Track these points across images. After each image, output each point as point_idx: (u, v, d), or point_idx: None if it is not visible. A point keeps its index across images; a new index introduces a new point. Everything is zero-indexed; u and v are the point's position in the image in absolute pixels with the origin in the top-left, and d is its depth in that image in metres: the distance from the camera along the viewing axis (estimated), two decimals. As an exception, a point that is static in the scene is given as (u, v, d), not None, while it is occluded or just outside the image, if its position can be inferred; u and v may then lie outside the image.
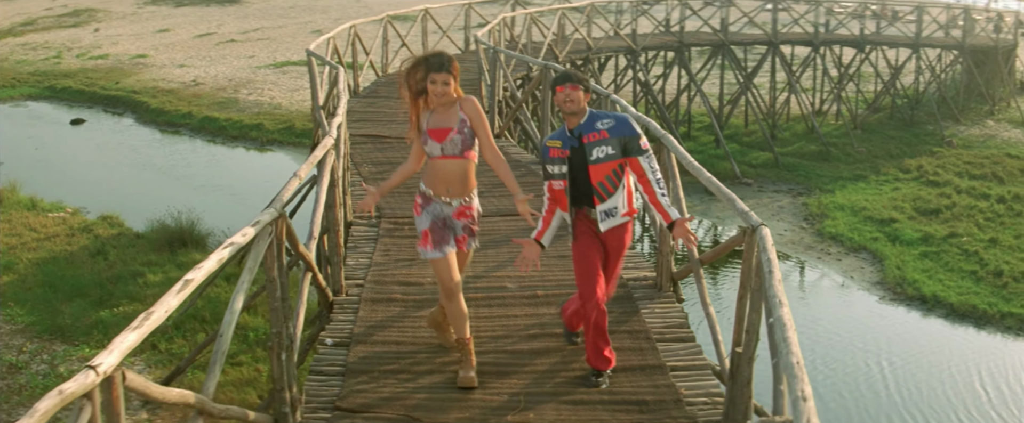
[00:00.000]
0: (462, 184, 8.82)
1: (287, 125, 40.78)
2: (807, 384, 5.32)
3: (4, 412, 15.63)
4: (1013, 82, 49.17)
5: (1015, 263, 26.87)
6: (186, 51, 56.55)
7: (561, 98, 8.59)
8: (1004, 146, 39.53)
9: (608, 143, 8.56)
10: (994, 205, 32.02)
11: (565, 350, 9.56)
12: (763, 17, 45.08)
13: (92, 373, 5.21)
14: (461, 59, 32.82)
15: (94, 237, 24.72)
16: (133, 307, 19.77)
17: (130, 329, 5.86)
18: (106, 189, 31.22)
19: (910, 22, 45.58)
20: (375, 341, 9.69)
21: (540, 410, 8.33)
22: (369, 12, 68.79)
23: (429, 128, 8.69)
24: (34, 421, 4.88)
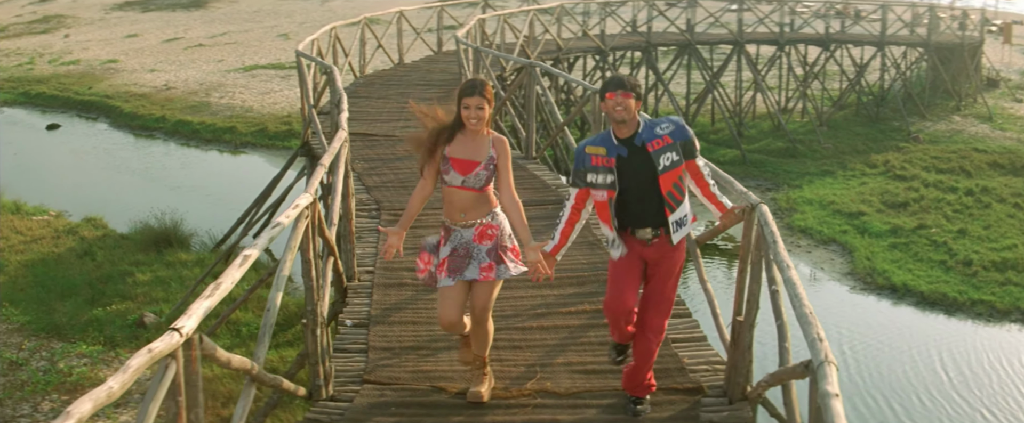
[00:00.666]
0: (477, 209, 8.26)
1: (260, 128, 41.15)
2: (821, 328, 5.97)
3: (8, 407, 16.05)
4: (979, 78, 49.99)
5: (985, 252, 27.55)
6: (156, 56, 56.83)
7: (611, 105, 7.88)
8: (971, 141, 40.26)
9: (673, 149, 7.93)
10: (962, 198, 32.67)
11: (572, 326, 10.17)
12: (729, 17, 45.80)
13: (177, 334, 5.72)
14: (433, 60, 33.39)
15: (80, 239, 25.08)
16: (125, 305, 20.24)
17: (203, 297, 6.32)
18: (86, 192, 31.51)
19: (875, 21, 46.37)
20: (392, 322, 10.26)
21: (556, 379, 8.95)
22: (334, 16, 69.17)
23: (453, 156, 8.15)
24: (128, 376, 5.37)
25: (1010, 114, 45.60)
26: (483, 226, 8.24)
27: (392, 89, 26.24)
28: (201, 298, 6.28)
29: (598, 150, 8.00)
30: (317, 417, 8.23)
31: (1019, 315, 24.37)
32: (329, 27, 27.37)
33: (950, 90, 47.72)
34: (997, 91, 49.95)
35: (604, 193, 7.98)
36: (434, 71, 30.39)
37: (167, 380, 5.69)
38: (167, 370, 5.72)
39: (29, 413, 15.92)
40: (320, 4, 78.15)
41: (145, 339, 18.47)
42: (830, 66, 47.54)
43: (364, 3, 76.15)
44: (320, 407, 8.42)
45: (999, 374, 21.36)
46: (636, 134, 7.96)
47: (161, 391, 5.65)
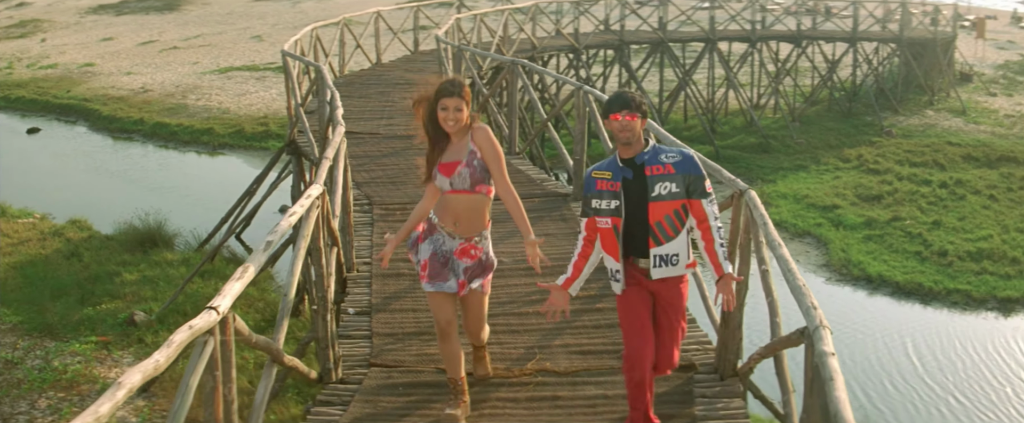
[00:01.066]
0: (470, 221, 8.07)
1: (237, 129, 41.50)
2: (813, 297, 6.44)
3: (6, 405, 16.33)
4: (952, 73, 50.57)
5: (960, 243, 28.07)
6: (131, 59, 57.08)
7: (617, 127, 7.50)
8: (945, 134, 40.79)
9: (672, 179, 7.48)
10: (936, 190, 33.22)
11: (560, 339, 10.56)
12: (700, 15, 46.32)
13: (214, 313, 6.09)
14: (410, 60, 33.74)
15: (66, 240, 25.38)
16: (115, 304, 20.57)
17: (233, 280, 6.75)
18: (68, 195, 31.81)
19: (846, 17, 46.92)
20: (393, 309, 10.63)
21: (554, 360, 9.37)
22: (306, 18, 69.52)
23: (441, 162, 8.03)
24: (172, 350, 5.71)
25: (984, 108, 46.17)
26: (468, 245, 8.11)
27: (372, 88, 26.58)
28: (231, 280, 6.65)
29: (604, 174, 7.65)
30: (329, 398, 8.59)
31: (995, 303, 24.94)
32: (310, 28, 27.68)
33: (923, 85, 48.31)
34: (970, 85, 50.48)
35: (608, 220, 7.61)
36: (412, 70, 30.72)
37: (206, 355, 6.04)
38: (206, 346, 6.06)
39: (27, 410, 16.20)
40: (292, 6, 78.40)
41: (136, 337, 18.85)
42: (802, 62, 48.02)
43: (335, 5, 76.50)
44: (331, 389, 8.77)
45: (970, 359, 21.90)
46: (639, 155, 7.58)
47: (200, 366, 6.00)
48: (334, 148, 10.31)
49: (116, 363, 17.98)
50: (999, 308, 24.75)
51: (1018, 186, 34.04)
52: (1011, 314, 24.63)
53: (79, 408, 16.13)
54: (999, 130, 42.10)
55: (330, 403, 8.49)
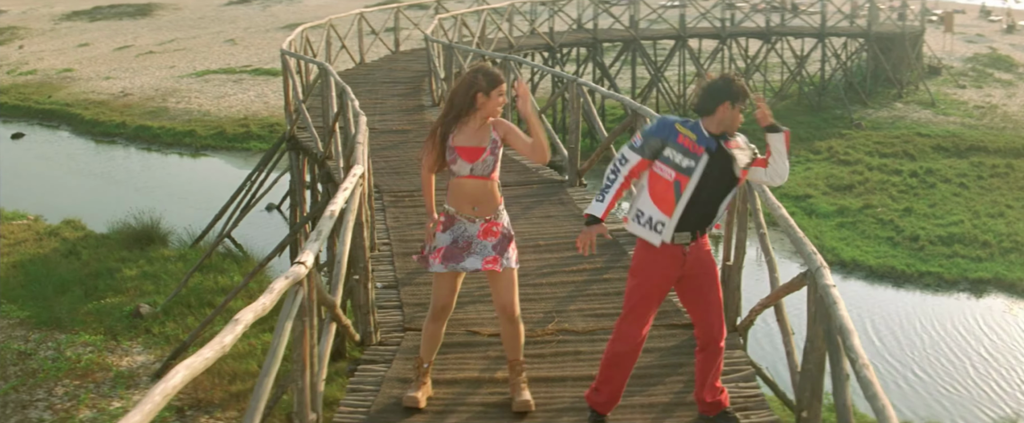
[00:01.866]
0: (487, 202, 8.32)
1: (218, 131, 42.21)
2: (811, 244, 7.37)
3: (24, 393, 16.98)
4: (921, 67, 51.59)
5: (931, 228, 29.01)
6: (109, 64, 57.59)
7: (733, 117, 7.52)
8: (914, 126, 41.76)
9: (743, 156, 7.66)
10: (907, 179, 34.19)
11: (577, 282, 11.46)
12: (671, 13, 47.25)
13: (302, 267, 6.88)
14: (393, 60, 34.50)
15: (62, 240, 25.97)
16: (118, 298, 21.19)
17: (312, 240, 7.50)
18: (57, 198, 32.38)
19: (814, 13, 47.90)
20: (418, 283, 11.43)
21: (572, 321, 10.23)
22: (276, 21, 70.38)
23: (458, 145, 8.21)
24: (274, 295, 6.51)
25: (953, 99, 47.18)
26: (489, 223, 8.32)
27: (360, 87, 27.24)
28: (310, 241, 7.41)
29: (689, 133, 7.49)
30: (372, 357, 9.37)
31: (967, 285, 25.90)
32: (300, 29, 28.38)
33: (892, 78, 49.28)
34: (939, 78, 51.53)
35: (673, 174, 7.45)
36: (396, 69, 31.49)
37: (297, 303, 6.80)
38: (297, 295, 6.82)
39: (45, 397, 16.82)
40: (262, 9, 79.04)
41: (143, 328, 19.53)
42: (771, 58, 48.99)
43: (305, 8, 77.29)
44: (372, 350, 9.56)
45: (931, 337, 22.84)
46: (723, 135, 7.53)
47: (293, 310, 6.76)
48: (364, 134, 10.99)
49: (126, 352, 18.61)
50: (971, 289, 25.69)
51: (988, 174, 35.00)
52: (983, 295, 25.61)
53: (96, 394, 16.85)
54: (969, 121, 43.05)
55: (374, 361, 9.25)
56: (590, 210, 7.72)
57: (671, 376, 8.95)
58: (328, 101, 18.76)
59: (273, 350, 6.66)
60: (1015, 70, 54.76)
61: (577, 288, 11.20)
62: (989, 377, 21.32)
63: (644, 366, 8.80)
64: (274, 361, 6.42)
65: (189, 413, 16.33)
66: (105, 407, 16.47)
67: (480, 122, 8.19)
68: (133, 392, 17.01)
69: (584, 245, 7.73)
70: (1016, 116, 44.42)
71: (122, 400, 16.67)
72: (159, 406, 4.54)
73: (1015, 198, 32.72)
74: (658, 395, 8.55)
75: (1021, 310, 24.94)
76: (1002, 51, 59.38)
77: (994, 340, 23.04)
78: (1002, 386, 20.92)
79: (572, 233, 13.26)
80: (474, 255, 8.28)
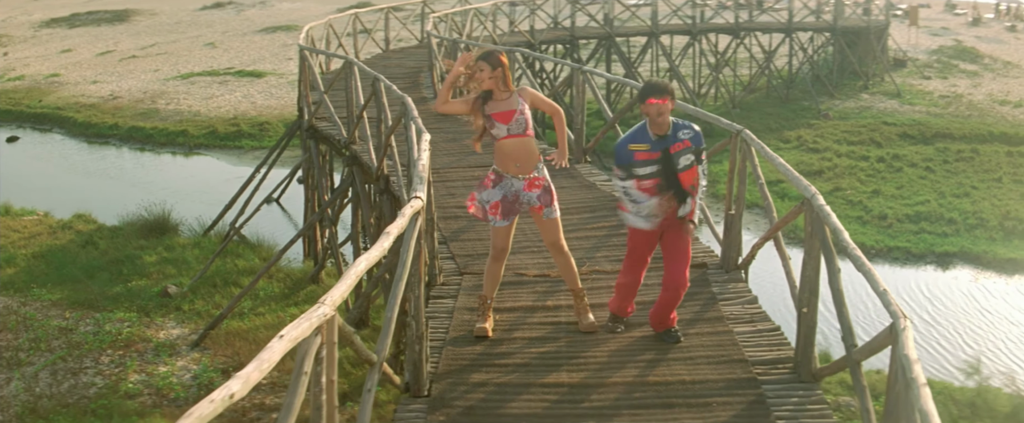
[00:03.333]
0: (528, 159, 9.77)
1: (210, 130, 43.53)
2: (804, 179, 8.99)
3: (72, 361, 18.45)
4: (886, 59, 53.31)
5: (899, 208, 30.64)
6: (94, 68, 58.66)
7: (654, 111, 9.09)
8: (880, 116, 43.35)
9: (690, 151, 9.32)
10: (874, 164, 35.78)
11: (598, 236, 13.33)
12: (644, 11, 48.89)
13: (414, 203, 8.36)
14: (385, 57, 35.97)
15: (77, 232, 27.18)
16: (144, 281, 22.68)
17: (386, 233, 8.21)
18: (61, 195, 33.56)
19: (781, 9, 49.62)
20: (464, 239, 13.14)
21: (601, 265, 12.07)
22: (251, 24, 71.67)
23: (493, 113, 9.71)
24: (389, 241, 7.78)
25: (919, 90, 48.87)
26: (532, 179, 9.80)
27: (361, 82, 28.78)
28: (401, 217, 8.70)
29: (642, 146, 9.23)
30: (438, 294, 11.01)
31: (934, 258, 27.59)
32: (307, 28, 29.67)
33: (858, 71, 50.97)
34: (905, 70, 53.24)
35: (651, 182, 9.29)
36: (391, 65, 32.82)
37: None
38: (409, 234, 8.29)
39: (92, 365, 18.30)
40: (236, 13, 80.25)
41: (173, 306, 21.08)
42: (740, 53, 50.51)
43: (278, 11, 78.67)
44: (438, 289, 11.22)
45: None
46: (667, 135, 9.25)
47: (411, 252, 8.09)
48: (426, 154, 11.78)
49: (161, 327, 20.12)
50: (937, 262, 27.31)
51: (954, 158, 36.56)
52: (949, 267, 27.26)
53: (141, 361, 18.41)
54: (934, 110, 44.66)
55: (442, 297, 10.87)
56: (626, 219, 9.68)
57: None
58: (352, 92, 20.26)
59: (398, 280, 7.93)
60: (980, 61, 56.40)
61: (600, 240, 12.98)
62: (957, 338, 22.91)
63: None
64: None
65: (233, 373, 17.83)
66: (153, 371, 18.02)
67: (500, 93, 9.73)
68: (176, 359, 18.54)
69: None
70: (982, 104, 46.05)
71: (167, 365, 18.20)
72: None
73: (980, 180, 34.28)
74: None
75: (987, 280, 26.60)
76: (967, 43, 61.11)
77: (957, 307, 24.65)
78: (969, 345, 22.52)
79: (586, 199, 15.13)
80: (523, 204, 9.89)
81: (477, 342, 9.74)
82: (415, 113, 13.94)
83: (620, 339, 9.71)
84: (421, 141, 11.31)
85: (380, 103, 17.08)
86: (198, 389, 17.33)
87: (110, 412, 16.36)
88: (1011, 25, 70.02)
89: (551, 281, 11.38)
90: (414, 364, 8.58)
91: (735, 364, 8.85)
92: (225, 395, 4.76)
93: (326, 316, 6.12)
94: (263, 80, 52.71)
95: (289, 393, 5.87)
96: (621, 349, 9.48)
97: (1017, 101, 46.78)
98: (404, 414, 8.24)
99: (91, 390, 17.31)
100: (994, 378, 20.10)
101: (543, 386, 8.72)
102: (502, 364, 9.20)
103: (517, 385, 8.77)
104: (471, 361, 9.28)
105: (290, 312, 20.62)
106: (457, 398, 8.47)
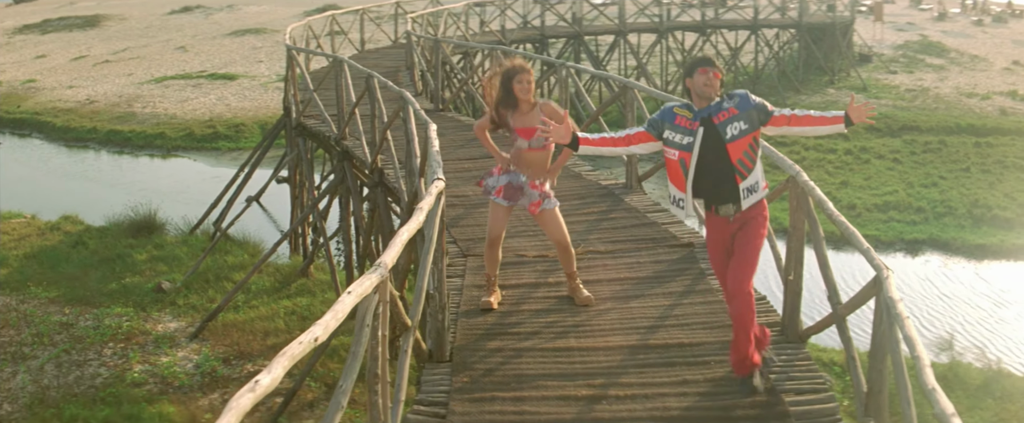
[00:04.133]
0: (541, 169, 10.57)
1: (187, 132, 44.25)
2: (786, 158, 9.79)
3: (76, 354, 19.12)
4: (852, 55, 54.28)
5: (867, 198, 31.47)
6: (69, 74, 59.13)
7: (702, 81, 8.32)
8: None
9: (739, 118, 8.25)
10: (842, 157, 36.65)
11: (589, 220, 14.15)
12: (612, 10, 49.70)
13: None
14: (363, 57, 36.59)
15: (65, 233, 27.70)
16: (137, 278, 23.30)
17: (418, 209, 9.03)
18: (45, 198, 34.20)
19: (746, 7, 50.51)
20: (462, 224, 13.88)
21: (594, 246, 12.84)
22: (219, 28, 72.17)
23: (518, 127, 10.36)
24: (425, 212, 8.55)
25: (885, 84, 49.84)
26: (536, 182, 10.57)
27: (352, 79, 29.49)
28: (427, 198, 9.29)
29: (685, 113, 8.42)
30: (449, 273, 11.70)
31: (903, 245, 28.45)
32: (290, 28, 30.38)
33: (823, 66, 51.85)
34: (870, 65, 54.25)
35: (676, 153, 8.41)
36: (368, 65, 33.28)
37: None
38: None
39: (95, 357, 18.99)
40: (205, 17, 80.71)
41: (168, 301, 21.77)
42: (707, 50, 51.08)
43: (245, 15, 79.18)
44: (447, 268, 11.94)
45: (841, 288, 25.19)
46: (708, 107, 8.32)
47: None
48: (434, 131, 12.56)
49: (158, 321, 20.82)
50: (906, 248, 28.16)
51: (921, 150, 37.48)
52: (918, 253, 28.15)
53: (144, 353, 19.12)
54: (901, 103, 45.61)
55: (450, 277, 11.55)
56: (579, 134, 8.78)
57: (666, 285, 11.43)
58: (342, 89, 20.98)
59: (426, 250, 8.71)
60: (947, 55, 57.43)
61: (591, 224, 13.79)
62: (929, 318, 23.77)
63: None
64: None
65: (234, 362, 18.67)
66: (155, 361, 18.72)
67: (528, 107, 10.37)
68: (177, 350, 19.26)
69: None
70: (948, 97, 47.05)
71: (168, 356, 18.90)
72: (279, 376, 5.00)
73: (948, 170, 35.24)
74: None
75: (956, 265, 27.54)
76: (933, 38, 62.14)
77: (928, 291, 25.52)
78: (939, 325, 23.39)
79: (574, 188, 15.97)
80: (525, 197, 10.64)
81: (487, 315, 10.49)
82: (417, 105, 14.68)
83: (620, 310, 10.49)
84: (429, 130, 12.03)
85: (375, 99, 17.78)
86: (202, 377, 18.08)
87: (119, 399, 17.05)
88: (978, 19, 71.15)
89: (549, 261, 12.16)
90: (438, 332, 9.37)
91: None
92: (311, 338, 5.40)
93: (384, 276, 6.93)
94: (236, 82, 53.33)
95: (354, 343, 6.63)
96: (622, 318, 10.25)
97: (985, 94, 47.78)
98: (430, 376, 8.99)
99: (97, 380, 18.00)
100: (966, 354, 21.00)
101: (554, 350, 9.50)
102: (513, 333, 9.96)
103: (530, 349, 9.54)
104: (484, 331, 10.03)
105: (282, 304, 21.45)
106: (476, 362, 9.24)
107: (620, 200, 15.32)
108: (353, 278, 22.02)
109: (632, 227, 13.76)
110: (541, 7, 45.26)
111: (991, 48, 60.60)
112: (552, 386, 8.73)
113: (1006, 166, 36.34)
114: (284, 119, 26.95)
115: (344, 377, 6.25)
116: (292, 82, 25.75)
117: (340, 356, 18.36)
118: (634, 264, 11.97)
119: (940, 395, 5.38)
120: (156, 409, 16.73)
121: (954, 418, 5.23)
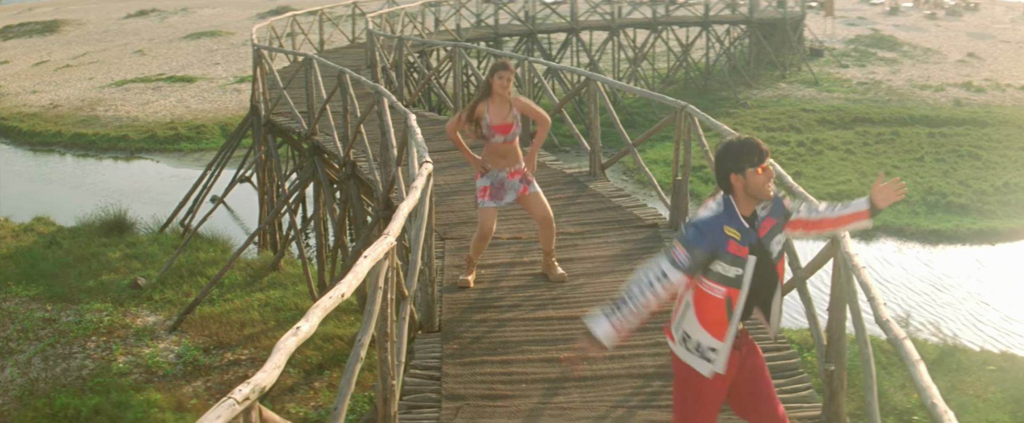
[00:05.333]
0: (514, 158, 11.22)
1: (149, 134, 44.79)
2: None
3: (61, 347, 19.78)
4: (803, 49, 55.40)
5: (821, 188, 32.28)
6: (32, 79, 59.46)
7: (762, 181, 6.05)
8: (798, 103, 45.28)
9: (778, 229, 6.20)
10: (795, 148, 37.51)
11: (557, 206, 14.76)
12: (564, 8, 50.56)
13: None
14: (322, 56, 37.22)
15: (38, 234, 28.26)
16: (112, 275, 23.90)
17: (413, 187, 10.26)
18: (13, 202, 34.60)
19: (696, 4, 51.44)
20: (439, 210, 14.61)
21: (563, 227, 13.62)
22: (174, 32, 72.64)
23: (493, 124, 10.89)
24: (421, 190, 9.38)
25: (837, 78, 50.91)
26: (514, 171, 11.23)
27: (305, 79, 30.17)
28: (394, 220, 10.16)
29: (735, 233, 6.06)
30: (443, 256, 12.61)
31: (855, 231, 29.20)
32: (256, 28, 30.96)
33: (774, 61, 52.81)
34: (822, 59, 55.31)
35: (723, 289, 6.13)
36: (330, 64, 34.30)
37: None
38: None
39: (80, 350, 19.66)
40: (160, 21, 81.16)
41: (145, 297, 22.45)
42: (658, 47, 52.46)
43: (199, 17, 79.71)
44: (426, 252, 12.82)
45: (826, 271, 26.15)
46: (755, 214, 6.18)
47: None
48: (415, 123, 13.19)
49: (136, 315, 21.50)
50: (860, 235, 28.94)
51: (874, 141, 38.38)
52: (872, 240, 29.04)
53: (126, 345, 19.83)
54: (853, 96, 46.68)
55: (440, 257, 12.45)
56: (594, 324, 6.28)
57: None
58: (313, 86, 21.70)
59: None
60: (899, 49, 58.65)
61: (560, 208, 14.49)
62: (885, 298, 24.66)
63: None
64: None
65: (214, 351, 19.44)
66: (139, 353, 19.44)
67: (501, 102, 10.94)
68: (157, 341, 19.98)
69: (570, 361, 6.53)
70: (901, 90, 48.12)
71: (150, 347, 19.63)
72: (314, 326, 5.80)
73: (901, 160, 36.17)
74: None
75: (910, 249, 28.57)
76: (885, 32, 63.47)
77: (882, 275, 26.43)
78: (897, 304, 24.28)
79: (537, 175, 16.13)
80: (509, 191, 11.32)
81: (469, 291, 11.30)
82: (393, 98, 15.47)
83: (593, 284, 11.35)
84: (409, 119, 12.87)
85: (347, 95, 18.51)
86: (184, 366, 18.80)
87: (107, 388, 17.74)
88: (931, 13, 72.32)
89: (523, 243, 13.00)
90: (428, 304, 10.21)
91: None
92: (338, 294, 6.24)
93: (392, 244, 7.70)
94: (194, 85, 53.82)
95: (368, 303, 7.37)
96: (596, 292, 11.10)
97: (938, 85, 48.86)
98: (422, 344, 9.83)
99: (84, 371, 18.65)
100: (922, 330, 21.95)
101: (535, 320, 10.38)
102: (496, 306, 10.81)
103: (512, 320, 10.39)
104: (468, 305, 10.86)
105: (256, 296, 22.22)
106: (464, 331, 10.09)
107: (585, 186, 16.26)
108: (326, 270, 22.81)
109: (599, 211, 14.66)
110: (494, 6, 46.01)
111: (945, 41, 61.80)
112: (536, 350, 9.59)
113: (960, 155, 37.21)
114: (251, 117, 27.48)
115: (362, 332, 7.00)
116: (260, 80, 26.30)
117: (314, 344, 19.10)
118: (603, 244, 12.84)
119: (893, 325, 6.23)
120: (143, 396, 17.40)
121: (906, 339, 5.97)
